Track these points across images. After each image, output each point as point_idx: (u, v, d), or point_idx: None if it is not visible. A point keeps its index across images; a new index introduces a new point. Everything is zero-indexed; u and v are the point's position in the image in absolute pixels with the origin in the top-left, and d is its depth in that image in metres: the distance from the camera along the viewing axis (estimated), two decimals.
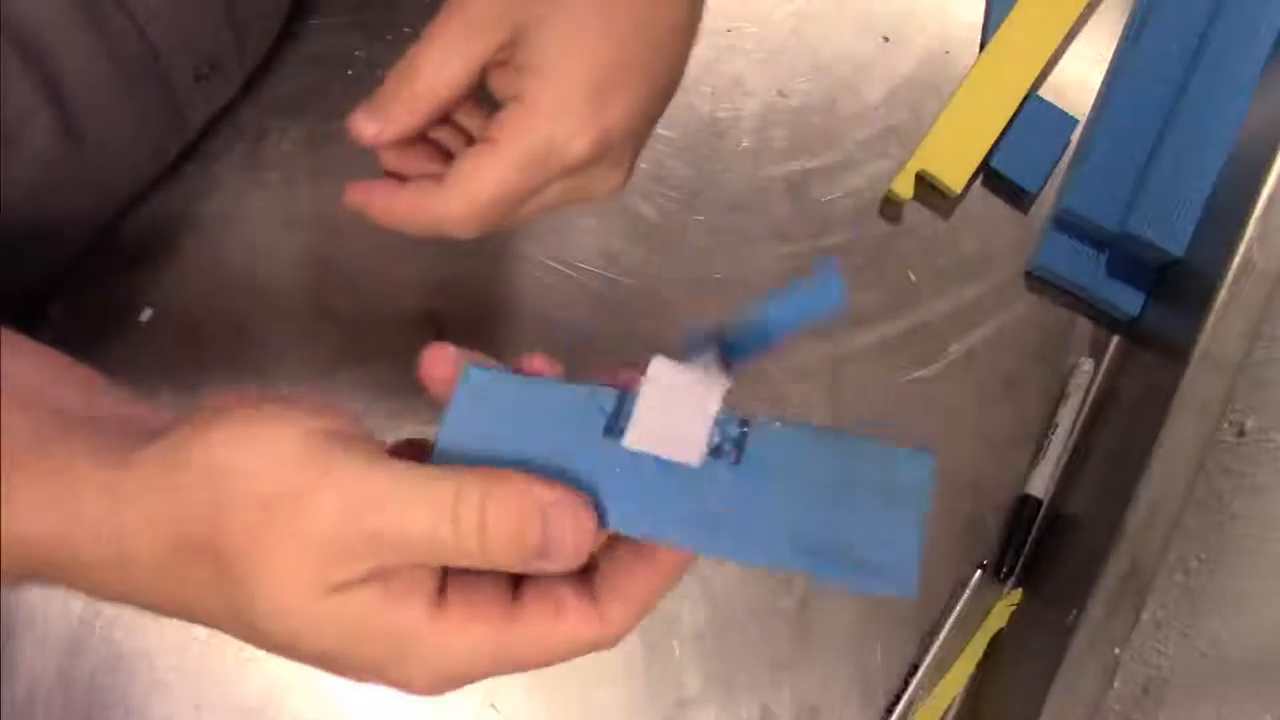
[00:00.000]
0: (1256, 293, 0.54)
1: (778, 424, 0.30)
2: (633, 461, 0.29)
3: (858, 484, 0.30)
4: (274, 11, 0.58)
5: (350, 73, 0.61)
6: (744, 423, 0.30)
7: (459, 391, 0.30)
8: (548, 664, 0.30)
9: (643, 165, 0.61)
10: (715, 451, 0.30)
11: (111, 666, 0.53)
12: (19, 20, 0.43)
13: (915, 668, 0.56)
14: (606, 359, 0.58)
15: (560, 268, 0.59)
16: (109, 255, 0.57)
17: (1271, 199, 0.55)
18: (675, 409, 0.29)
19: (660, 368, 0.30)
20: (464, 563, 0.28)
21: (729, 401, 0.30)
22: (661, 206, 0.61)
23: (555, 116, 0.36)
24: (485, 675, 0.30)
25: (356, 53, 0.61)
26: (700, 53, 0.63)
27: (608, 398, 0.30)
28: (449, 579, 0.29)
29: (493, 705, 0.55)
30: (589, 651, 0.30)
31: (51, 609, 0.53)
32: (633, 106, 0.37)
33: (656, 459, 0.29)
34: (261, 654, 0.56)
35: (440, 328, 0.58)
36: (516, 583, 0.30)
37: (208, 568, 0.28)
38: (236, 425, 0.28)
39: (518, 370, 0.32)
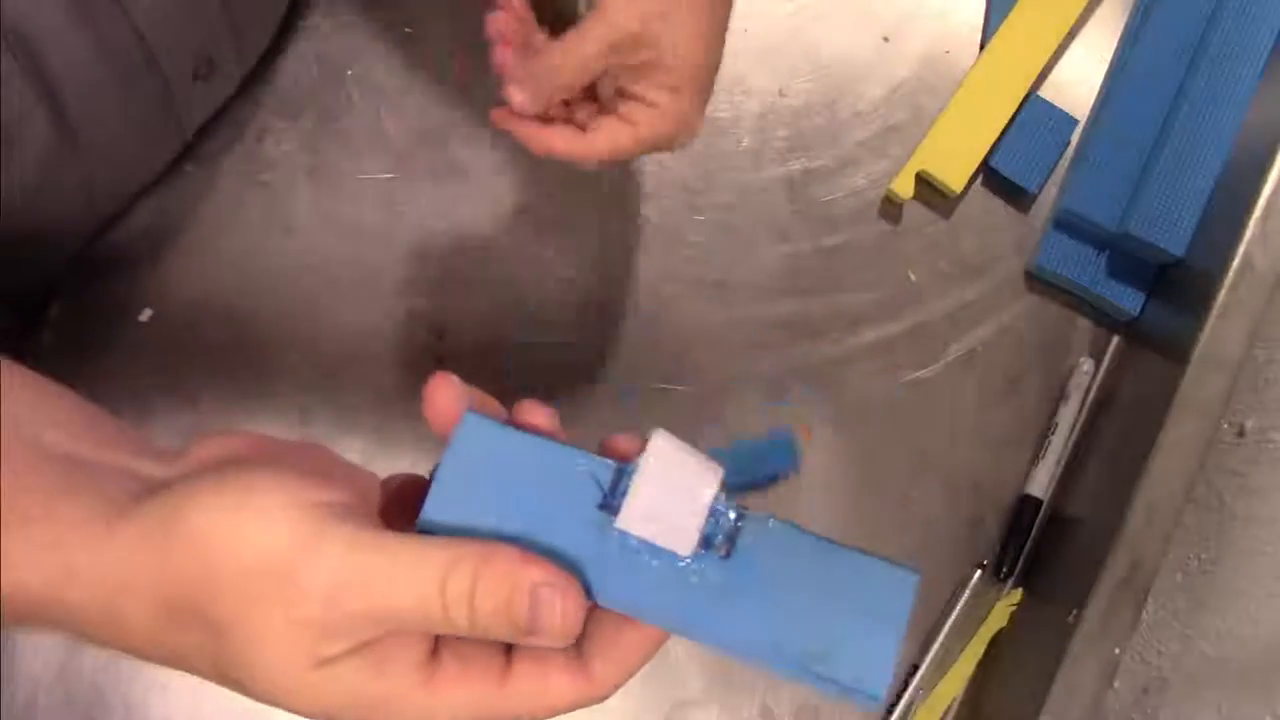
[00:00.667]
0: (1256, 293, 0.54)
1: (771, 521, 0.30)
2: (623, 540, 0.29)
3: (842, 593, 0.30)
4: (271, 11, 0.58)
5: (350, 73, 0.61)
6: (739, 516, 0.30)
7: (456, 440, 0.30)
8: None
9: (643, 165, 0.61)
10: (706, 542, 0.30)
11: (111, 666, 0.53)
12: (16, 21, 0.43)
13: (915, 668, 0.56)
14: (607, 360, 0.58)
15: (561, 268, 0.59)
16: (109, 255, 0.57)
17: (1271, 199, 0.55)
18: (671, 494, 0.30)
19: (660, 444, 0.30)
20: (454, 634, 0.28)
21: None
22: (661, 206, 0.61)
23: (680, 121, 0.47)
24: None
25: (356, 53, 0.61)
26: None
27: (605, 470, 0.30)
28: (441, 639, 0.29)
29: None
30: (579, 709, 0.30)
31: None
32: (711, 93, 0.48)
33: (648, 541, 0.30)
34: None
35: (440, 328, 0.58)
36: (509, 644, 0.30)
37: (199, 633, 0.28)
38: (230, 496, 0.28)
39: (514, 419, 0.32)
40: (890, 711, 0.56)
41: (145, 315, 0.57)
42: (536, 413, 0.32)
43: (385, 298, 0.58)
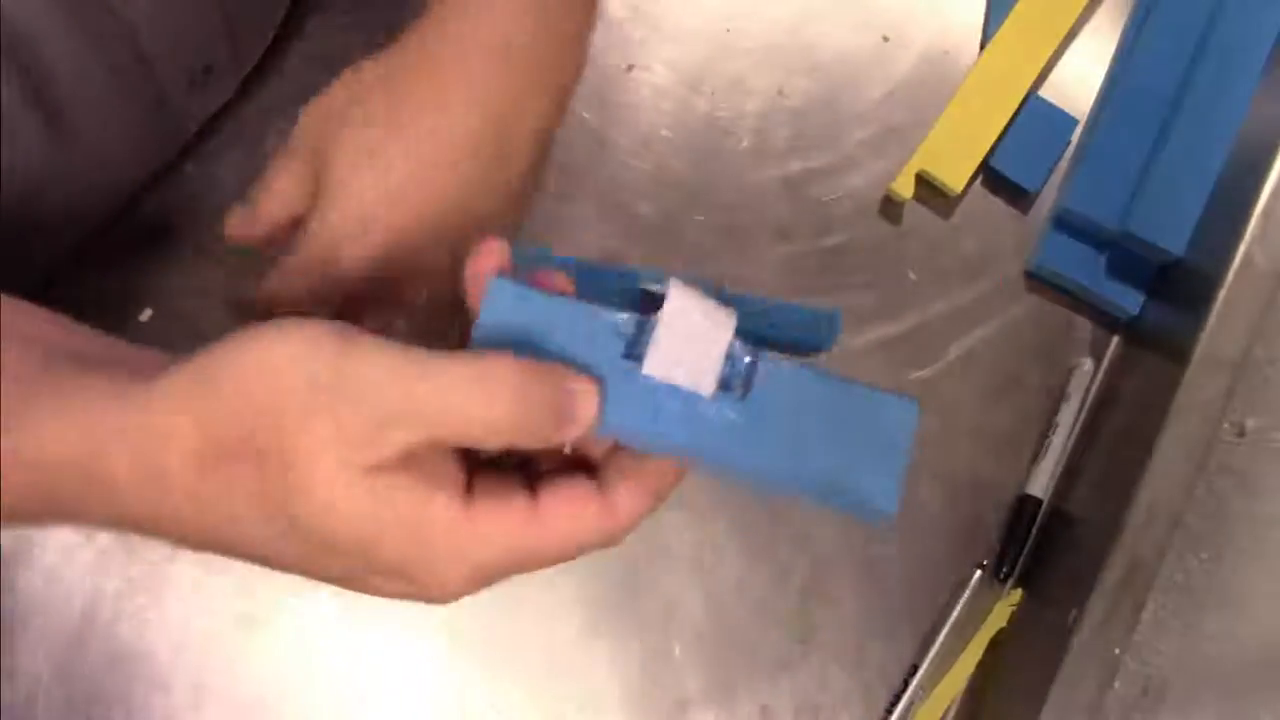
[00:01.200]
0: (1256, 293, 0.54)
1: (785, 362, 0.33)
2: (648, 384, 0.32)
3: (852, 424, 0.33)
4: (269, 14, 0.58)
5: None
6: (753, 359, 0.32)
7: (485, 303, 0.32)
8: (565, 559, 0.32)
9: (643, 165, 0.61)
10: (725, 384, 0.32)
11: (111, 666, 0.53)
12: (7, 25, 0.43)
13: (915, 668, 0.56)
14: None
15: None
16: (109, 255, 0.57)
17: (1271, 199, 0.55)
18: (691, 340, 0.32)
19: (677, 294, 0.32)
20: (494, 440, 0.29)
21: None
22: (661, 206, 0.61)
23: (327, 244, 0.41)
24: (508, 573, 0.31)
25: (356, 53, 0.61)
26: (700, 52, 0.63)
27: (628, 322, 0.32)
28: (475, 480, 0.31)
29: (493, 705, 0.55)
30: (602, 545, 0.32)
31: (52, 607, 0.53)
32: (411, 223, 0.41)
33: (670, 385, 0.32)
34: (262, 653, 0.56)
35: None
36: (532, 486, 0.32)
37: (244, 471, 0.29)
38: (266, 331, 0.29)
39: (538, 284, 0.33)
40: (890, 711, 0.56)
41: (145, 315, 0.57)
42: (557, 279, 0.33)
43: None
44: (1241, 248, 0.54)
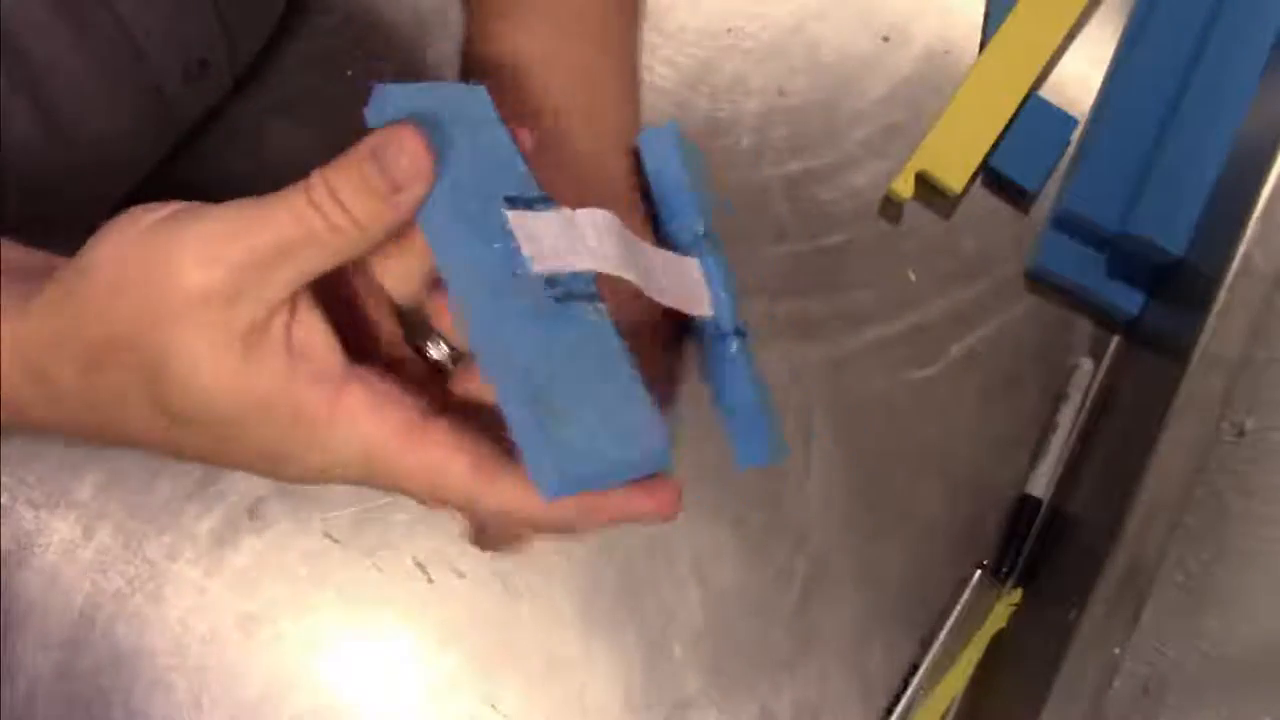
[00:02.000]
0: (1256, 293, 0.54)
1: (608, 320, 0.30)
2: (494, 220, 0.30)
3: (615, 404, 0.30)
4: (265, 10, 0.58)
5: (350, 73, 0.61)
6: (593, 295, 0.30)
7: (460, 85, 0.32)
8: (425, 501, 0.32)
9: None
10: (551, 282, 0.30)
11: (111, 666, 0.53)
12: None
13: (915, 668, 0.56)
14: None
15: None
16: None
17: (1271, 199, 0.55)
18: (573, 237, 0.30)
19: (608, 215, 0.31)
20: (347, 245, 0.30)
21: None
22: None
23: None
24: (366, 484, 0.32)
25: (356, 52, 0.61)
26: (700, 53, 0.63)
27: (530, 182, 0.31)
28: (361, 368, 0.31)
29: (492, 705, 0.55)
30: (460, 506, 0.32)
31: (51, 606, 0.53)
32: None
33: (514, 239, 0.30)
34: (262, 653, 0.56)
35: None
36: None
37: (120, 365, 0.30)
38: (112, 226, 0.31)
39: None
40: (890, 711, 0.56)
41: None
42: (525, 138, 0.33)
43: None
44: (1241, 248, 0.54)
